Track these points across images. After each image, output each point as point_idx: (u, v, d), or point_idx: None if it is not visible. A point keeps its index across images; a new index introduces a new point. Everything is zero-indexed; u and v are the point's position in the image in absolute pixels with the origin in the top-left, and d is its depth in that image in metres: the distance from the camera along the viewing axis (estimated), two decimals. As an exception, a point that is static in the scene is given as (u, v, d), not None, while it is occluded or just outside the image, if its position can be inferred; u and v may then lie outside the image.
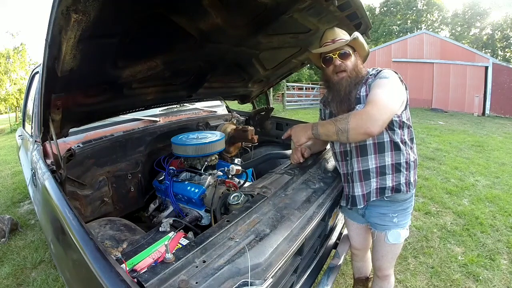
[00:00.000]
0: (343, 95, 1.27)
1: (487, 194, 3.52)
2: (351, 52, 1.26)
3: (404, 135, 1.26)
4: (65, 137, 1.50)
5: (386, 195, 1.27)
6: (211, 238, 0.90)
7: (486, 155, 5.40)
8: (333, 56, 1.26)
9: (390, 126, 1.22)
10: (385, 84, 1.18)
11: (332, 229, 1.74)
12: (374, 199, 1.30)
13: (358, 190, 1.32)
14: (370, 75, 1.27)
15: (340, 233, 1.82)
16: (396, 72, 1.25)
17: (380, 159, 1.26)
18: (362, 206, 1.33)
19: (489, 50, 29.37)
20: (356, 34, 1.24)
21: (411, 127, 1.29)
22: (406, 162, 1.26)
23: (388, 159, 1.25)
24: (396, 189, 1.26)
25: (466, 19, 31.45)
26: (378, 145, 1.25)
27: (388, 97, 1.13)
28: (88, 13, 0.80)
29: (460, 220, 2.90)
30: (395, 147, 1.24)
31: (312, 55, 1.41)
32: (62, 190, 1.12)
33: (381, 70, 1.26)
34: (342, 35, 1.30)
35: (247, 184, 1.65)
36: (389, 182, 1.26)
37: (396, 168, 1.25)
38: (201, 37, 1.39)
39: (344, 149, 1.35)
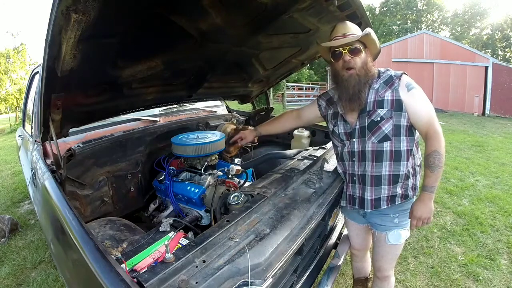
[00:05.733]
0: (351, 93, 1.22)
1: (487, 194, 3.52)
2: (361, 48, 1.20)
3: (417, 139, 1.28)
4: (65, 137, 1.50)
5: (396, 203, 1.28)
6: (211, 238, 0.90)
7: (486, 155, 5.40)
8: (343, 51, 1.20)
9: (412, 131, 1.24)
10: (422, 95, 1.22)
11: (332, 229, 1.74)
12: (385, 207, 1.29)
13: (368, 194, 1.30)
14: (395, 77, 1.22)
15: (340, 233, 1.82)
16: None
17: (395, 167, 1.24)
18: (369, 211, 1.33)
19: (489, 50, 29.35)
20: (368, 30, 1.19)
21: None
22: (413, 168, 1.27)
23: (403, 169, 1.25)
24: (405, 196, 1.27)
25: (466, 19, 31.43)
26: (395, 153, 1.23)
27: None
28: (88, 13, 0.80)
29: (460, 220, 2.90)
30: (408, 154, 1.25)
31: (321, 49, 1.34)
32: (62, 190, 1.12)
33: (401, 74, 1.23)
34: (353, 29, 1.24)
35: (247, 184, 1.65)
36: (399, 189, 1.27)
37: (406, 176, 1.26)
38: (201, 37, 1.39)
39: (351, 150, 1.32)
